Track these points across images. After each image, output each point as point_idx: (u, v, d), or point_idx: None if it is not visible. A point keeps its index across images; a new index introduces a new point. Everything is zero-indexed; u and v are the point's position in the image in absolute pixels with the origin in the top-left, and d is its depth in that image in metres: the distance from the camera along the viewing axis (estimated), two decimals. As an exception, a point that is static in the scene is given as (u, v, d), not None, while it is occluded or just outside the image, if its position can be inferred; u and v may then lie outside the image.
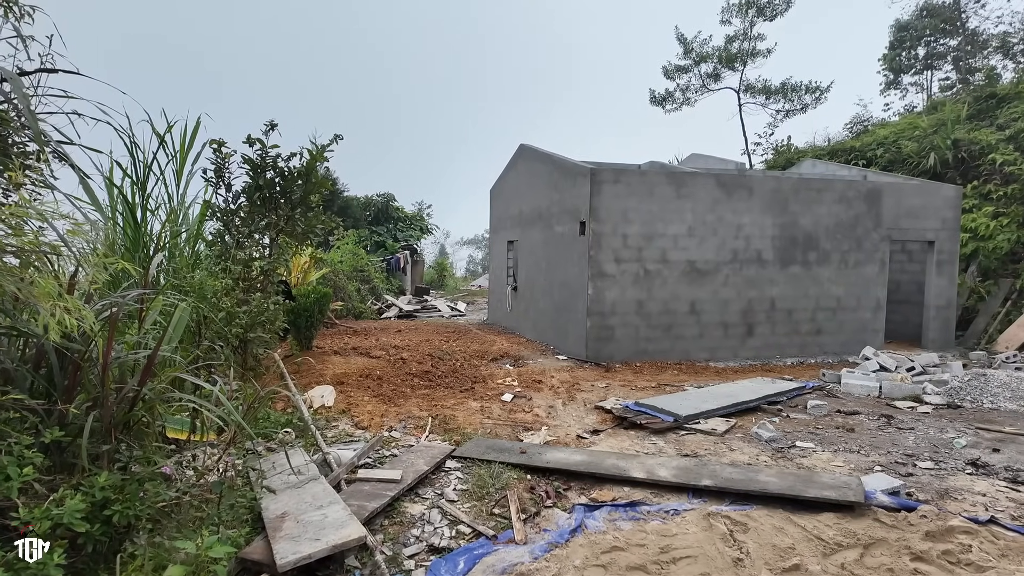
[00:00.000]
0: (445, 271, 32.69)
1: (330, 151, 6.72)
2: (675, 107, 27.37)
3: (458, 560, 3.36)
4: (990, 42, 22.68)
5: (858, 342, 10.75)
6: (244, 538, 3.27)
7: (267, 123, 6.47)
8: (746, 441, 5.71)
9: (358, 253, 18.88)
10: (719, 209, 10.23)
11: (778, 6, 24.04)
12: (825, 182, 10.97)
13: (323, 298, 9.80)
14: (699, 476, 4.46)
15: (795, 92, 24.89)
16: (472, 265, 59.73)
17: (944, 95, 21.73)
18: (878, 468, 4.91)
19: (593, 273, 9.76)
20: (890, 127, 18.55)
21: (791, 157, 19.88)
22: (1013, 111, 14.99)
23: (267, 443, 4.94)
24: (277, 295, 6.98)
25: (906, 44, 24.66)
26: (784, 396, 7.41)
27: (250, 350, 6.27)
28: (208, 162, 6.68)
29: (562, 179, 11.00)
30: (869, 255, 11.00)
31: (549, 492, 4.34)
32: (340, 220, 8.67)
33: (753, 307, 10.49)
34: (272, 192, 6.65)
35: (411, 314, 17.37)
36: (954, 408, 7.14)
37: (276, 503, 3.62)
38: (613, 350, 9.91)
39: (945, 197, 11.47)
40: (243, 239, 6.56)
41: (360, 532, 3.21)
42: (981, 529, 3.63)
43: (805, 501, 4.07)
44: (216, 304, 5.95)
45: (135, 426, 3.75)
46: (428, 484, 4.48)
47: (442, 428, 5.89)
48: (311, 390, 6.93)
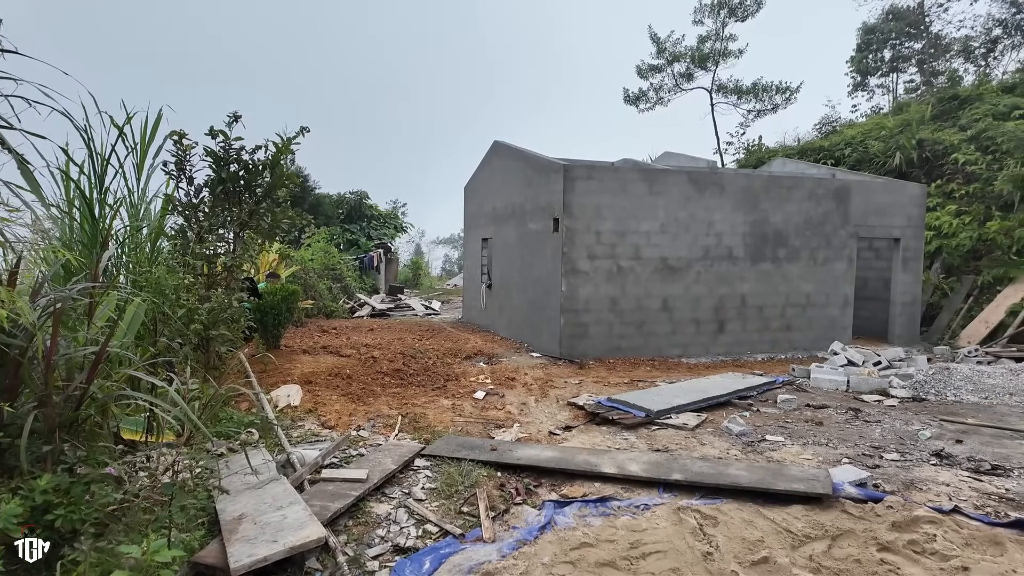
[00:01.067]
0: (420, 270, 32.44)
1: (296, 144, 6.55)
2: (649, 106, 27.57)
3: (424, 560, 3.27)
4: (952, 45, 23.30)
5: (827, 338, 10.91)
6: (198, 541, 3.13)
7: (230, 115, 6.28)
8: (717, 435, 5.71)
9: (329, 251, 18.60)
10: (691, 206, 10.28)
11: (749, 7, 24.36)
12: (795, 180, 11.10)
13: (291, 296, 9.59)
14: (670, 471, 4.43)
15: (766, 92, 25.26)
16: (448, 264, 59.42)
17: (909, 97, 22.25)
18: (846, 460, 4.95)
19: (567, 270, 9.73)
20: (858, 127, 18.92)
21: (762, 156, 20.15)
22: (974, 112, 15.39)
23: (228, 443, 4.78)
24: (242, 292, 6.78)
25: (873, 47, 25.19)
26: (754, 391, 7.46)
27: (213, 349, 6.07)
28: (170, 155, 6.47)
29: (535, 176, 10.95)
30: (838, 252, 11.17)
31: (519, 489, 4.27)
32: (311, 217, 8.48)
33: (724, 304, 10.57)
34: (236, 186, 6.46)
35: (384, 313, 17.16)
36: (919, 401, 7.26)
37: (233, 504, 3.48)
38: (587, 347, 9.89)
39: (910, 195, 11.71)
40: (205, 234, 6.35)
41: (320, 533, 3.09)
42: (945, 519, 3.65)
43: (775, 494, 4.06)
44: (176, 301, 5.75)
45: (85, 426, 3.58)
46: (396, 483, 4.38)
47: (412, 427, 5.78)
48: (277, 389, 6.75)
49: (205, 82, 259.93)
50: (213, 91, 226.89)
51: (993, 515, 3.88)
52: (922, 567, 3.15)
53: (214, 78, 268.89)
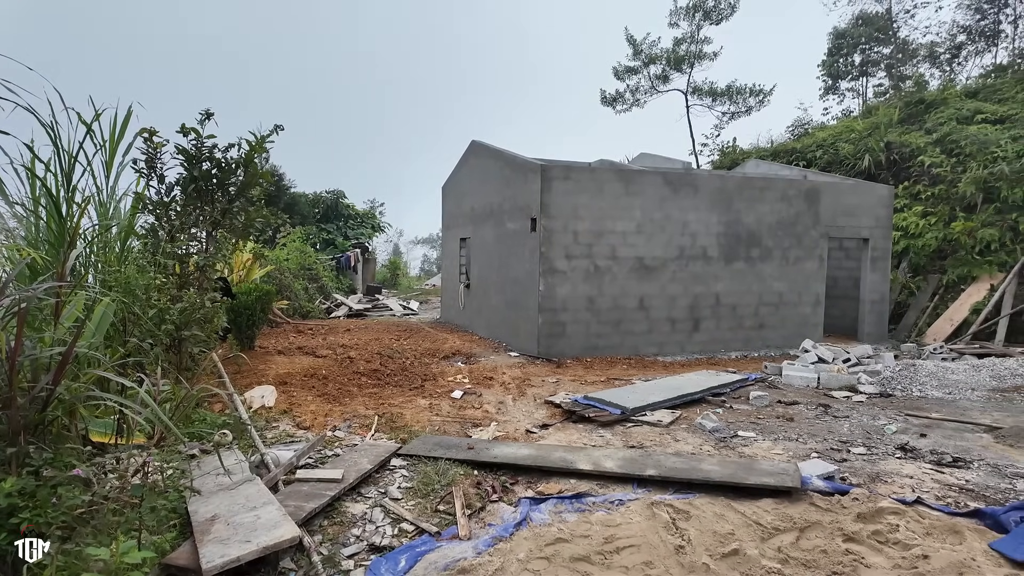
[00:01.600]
0: (398, 270, 32.27)
1: (271, 142, 6.49)
2: (625, 107, 27.79)
3: (399, 558, 3.27)
4: (919, 51, 23.94)
5: (799, 336, 11.13)
6: (169, 543, 3.09)
7: (202, 112, 6.20)
8: (691, 432, 5.80)
9: (305, 251, 18.41)
10: (666, 207, 10.41)
11: (723, 10, 24.70)
12: (767, 181, 11.31)
13: (266, 296, 9.49)
14: (644, 466, 4.50)
15: (740, 95, 25.64)
16: (427, 264, 59.17)
17: (878, 100, 22.79)
18: (815, 455, 5.07)
19: (544, 269, 9.78)
20: (828, 130, 19.33)
21: (736, 158, 20.46)
22: (939, 116, 15.84)
23: (201, 445, 4.71)
24: (215, 292, 6.69)
25: (843, 51, 25.77)
26: (728, 388, 7.58)
27: (185, 349, 5.98)
28: (140, 153, 6.36)
29: (513, 175, 10.98)
30: (809, 252, 11.40)
31: (495, 487, 4.29)
32: (286, 216, 8.40)
33: (699, 302, 10.72)
34: (208, 184, 6.37)
35: (361, 313, 17.04)
36: (886, 397, 7.45)
37: (206, 506, 3.44)
38: (564, 346, 9.95)
39: (879, 196, 12.00)
40: (177, 233, 6.26)
41: (294, 532, 3.08)
42: (908, 509, 3.77)
43: (746, 488, 4.15)
44: (147, 301, 5.65)
45: (51, 428, 3.51)
46: (371, 483, 4.37)
47: (389, 427, 5.77)
48: (251, 390, 6.67)
49: (178, 80, 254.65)
50: (186, 89, 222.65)
51: (953, 505, 4.01)
52: (885, 556, 3.25)
53: (187, 76, 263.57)
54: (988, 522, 3.68)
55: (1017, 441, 5.40)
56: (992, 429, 5.86)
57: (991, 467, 4.80)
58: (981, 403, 7.11)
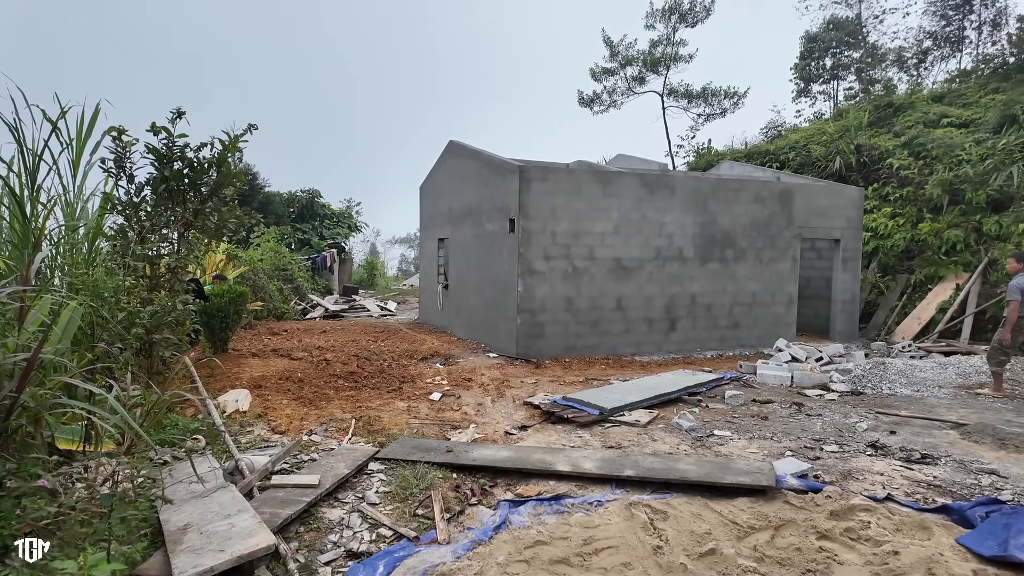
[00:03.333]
0: (376, 270, 32.03)
1: (244, 142, 6.38)
2: (602, 108, 27.96)
3: (377, 564, 3.24)
4: (887, 56, 24.49)
5: (772, 335, 11.30)
6: (140, 554, 3.01)
7: (173, 111, 6.06)
8: (668, 431, 5.86)
9: (280, 251, 18.15)
10: (643, 208, 10.49)
11: (699, 13, 25.00)
12: (741, 182, 11.47)
13: (239, 298, 9.33)
14: (622, 467, 4.52)
15: (715, 97, 25.98)
16: (404, 264, 58.80)
17: (849, 103, 23.24)
18: (789, 453, 5.15)
19: (523, 270, 9.79)
20: (801, 132, 19.67)
21: (711, 159, 20.71)
22: (907, 119, 16.24)
23: (173, 451, 4.62)
24: (187, 294, 6.55)
25: (815, 55, 26.21)
26: (704, 387, 7.67)
27: (156, 353, 5.85)
28: (109, 152, 6.20)
29: (492, 176, 10.96)
30: (782, 252, 11.59)
31: (474, 490, 4.27)
32: (260, 216, 8.26)
33: (675, 303, 10.83)
34: (180, 184, 6.25)
35: (338, 314, 16.87)
36: (857, 395, 7.61)
37: (178, 514, 3.37)
38: (543, 347, 9.97)
39: (849, 198, 12.26)
40: (147, 234, 6.12)
41: (269, 540, 3.03)
42: (879, 506, 3.85)
43: (722, 487, 4.20)
44: (116, 304, 5.52)
45: (15, 437, 3.40)
46: (349, 488, 4.32)
47: (366, 430, 5.71)
48: (224, 394, 6.56)
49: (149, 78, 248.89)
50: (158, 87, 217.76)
51: (922, 502, 4.11)
52: (857, 552, 3.32)
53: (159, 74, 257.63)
54: (955, 517, 3.79)
55: (982, 437, 5.56)
56: (958, 426, 6.02)
57: (957, 463, 4.93)
58: (948, 400, 7.30)
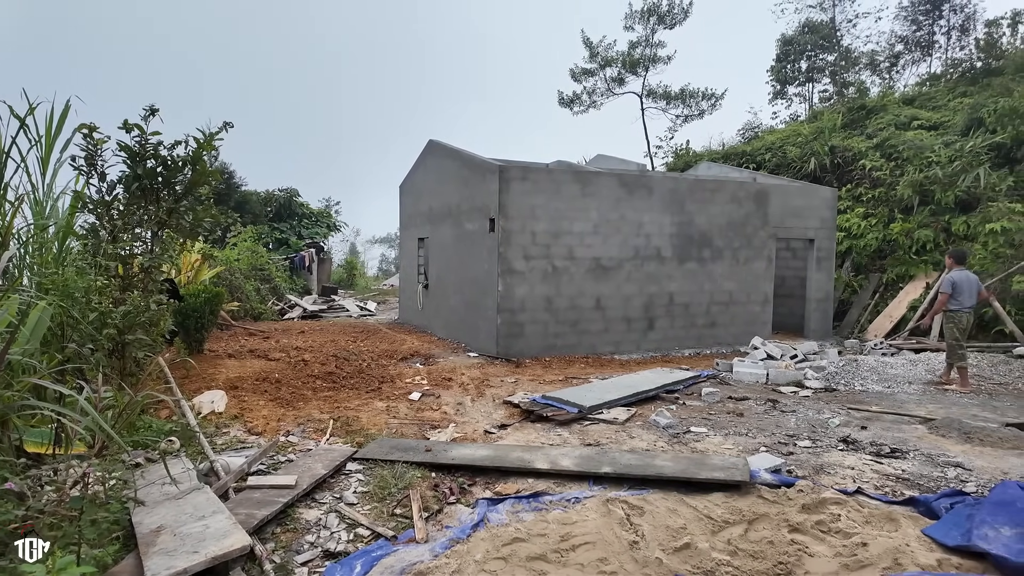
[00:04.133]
0: (355, 270, 31.78)
1: (220, 140, 6.29)
2: (582, 109, 28.09)
3: (354, 563, 3.23)
4: (860, 59, 24.98)
5: (748, 333, 11.46)
6: (112, 557, 2.97)
7: (146, 108, 5.96)
8: (645, 428, 5.92)
9: (257, 251, 17.91)
10: (622, 208, 10.57)
11: (677, 15, 25.26)
12: (718, 183, 11.62)
13: (215, 298, 9.20)
14: (600, 464, 4.56)
15: (693, 98, 26.26)
16: (385, 264, 58.44)
17: (823, 105, 23.66)
18: (763, 449, 5.24)
19: (503, 270, 9.80)
20: (777, 133, 19.97)
21: (689, 160, 20.95)
22: (879, 121, 16.59)
23: (146, 453, 4.55)
24: (161, 294, 6.45)
25: (790, 57, 26.64)
26: (681, 385, 7.76)
27: (129, 354, 5.75)
28: (79, 149, 6.08)
29: (471, 176, 10.96)
30: (758, 252, 11.77)
31: (453, 489, 4.28)
32: (237, 216, 8.17)
33: (654, 302, 10.93)
34: (153, 182, 6.14)
35: (316, 314, 16.72)
36: (830, 391, 7.77)
37: (151, 516, 3.32)
38: (523, 346, 10.00)
39: (823, 198, 12.49)
40: (120, 233, 6.01)
41: (245, 541, 3.00)
42: (849, 499, 3.94)
43: (697, 483, 4.26)
44: (87, 304, 5.41)
45: (-19, 440, 3.33)
46: (326, 488, 4.30)
47: (344, 430, 5.68)
48: (200, 395, 6.47)
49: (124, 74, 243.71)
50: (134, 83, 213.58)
51: (890, 494, 4.22)
52: (828, 545, 3.39)
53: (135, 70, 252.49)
54: (921, 509, 3.89)
55: (948, 432, 5.71)
56: (926, 420, 6.18)
57: (925, 457, 5.06)
58: (917, 396, 7.49)
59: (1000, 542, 3.22)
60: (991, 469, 4.76)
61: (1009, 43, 18.45)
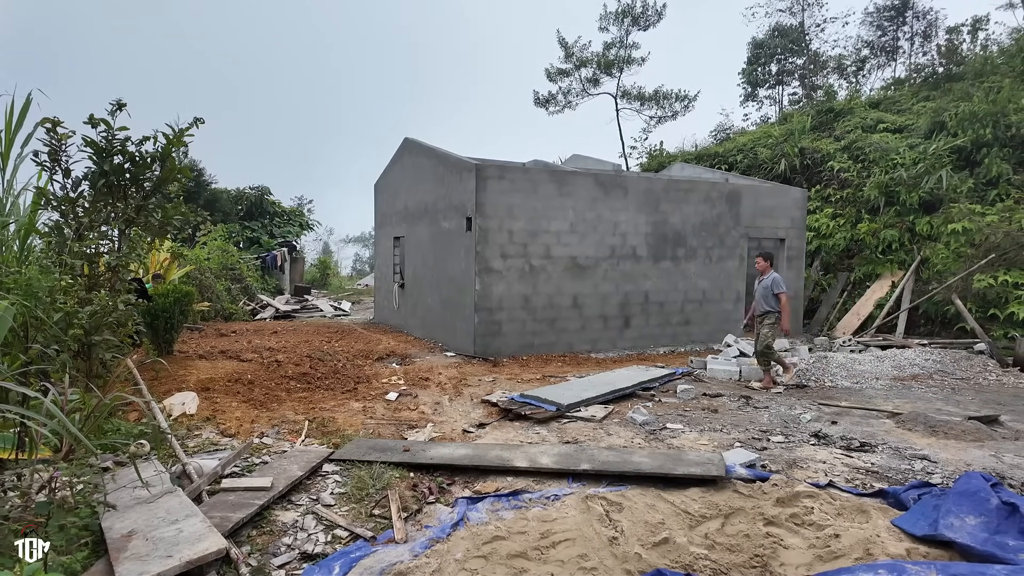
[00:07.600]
0: (329, 269, 31.44)
1: (190, 136, 6.16)
2: (558, 109, 28.21)
3: (333, 565, 3.19)
4: (829, 63, 25.55)
5: (722, 331, 11.65)
6: (81, 563, 2.88)
7: (113, 102, 5.80)
8: (622, 425, 5.97)
9: (228, 250, 17.59)
10: (598, 207, 10.64)
11: (651, 17, 25.53)
12: (692, 183, 11.77)
13: (185, 297, 9.00)
14: (578, 461, 4.59)
15: (667, 100, 26.57)
16: (359, 264, 57.92)
17: (793, 108, 24.17)
18: (737, 444, 5.33)
19: (480, 269, 9.78)
20: (748, 135, 20.32)
21: (663, 160, 21.18)
22: (846, 124, 17.00)
23: (115, 456, 4.43)
24: (129, 294, 6.28)
25: (761, 60, 27.14)
26: (657, 382, 7.85)
27: (96, 355, 5.59)
28: (42, 144, 5.88)
29: (448, 174, 10.92)
30: (730, 251, 11.96)
31: (432, 488, 4.26)
32: (207, 214, 8.00)
33: (629, 300, 11.03)
34: (121, 179, 5.98)
35: (289, 314, 16.49)
36: (801, 387, 7.93)
37: (122, 521, 3.23)
38: (501, 345, 10.00)
39: (793, 199, 12.75)
40: (85, 231, 5.84)
41: (220, 544, 2.95)
42: (821, 492, 4.03)
43: (674, 478, 4.31)
44: (52, 304, 5.24)
45: (-60, 446, 3.20)
46: (303, 490, 4.23)
47: (320, 431, 5.60)
48: (170, 397, 6.32)
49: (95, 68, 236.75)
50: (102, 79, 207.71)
51: (861, 487, 4.33)
52: (801, 537, 3.46)
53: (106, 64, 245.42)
54: (890, 501, 4.00)
55: (915, 425, 5.88)
56: (894, 415, 6.35)
57: (893, 450, 5.20)
58: (884, 391, 7.69)
59: (965, 531, 3.32)
60: (955, 461, 4.91)
61: (969, 49, 19.08)
